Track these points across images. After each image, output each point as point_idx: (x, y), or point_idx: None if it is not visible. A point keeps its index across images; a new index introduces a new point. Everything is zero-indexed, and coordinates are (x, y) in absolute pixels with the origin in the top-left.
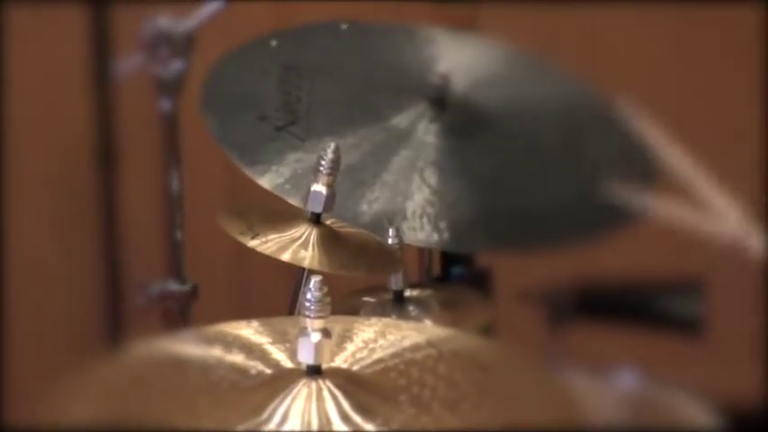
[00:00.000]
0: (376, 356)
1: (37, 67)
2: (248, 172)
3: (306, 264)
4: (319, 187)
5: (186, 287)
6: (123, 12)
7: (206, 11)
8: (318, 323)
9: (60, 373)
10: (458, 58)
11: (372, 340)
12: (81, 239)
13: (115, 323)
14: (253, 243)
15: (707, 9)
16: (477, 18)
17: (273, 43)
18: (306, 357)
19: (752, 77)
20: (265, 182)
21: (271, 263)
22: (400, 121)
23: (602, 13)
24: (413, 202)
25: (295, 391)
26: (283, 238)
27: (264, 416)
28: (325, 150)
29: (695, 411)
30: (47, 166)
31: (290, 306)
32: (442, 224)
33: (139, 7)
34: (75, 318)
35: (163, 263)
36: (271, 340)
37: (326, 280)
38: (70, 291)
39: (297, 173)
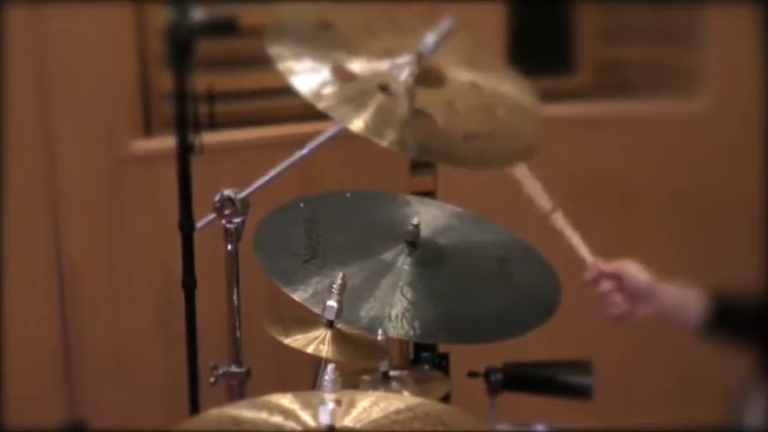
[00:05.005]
0: (372, 418)
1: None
2: (286, 290)
3: (323, 354)
4: (332, 303)
5: (243, 369)
6: None
7: (262, 180)
8: (333, 395)
9: None
10: (424, 214)
11: (369, 407)
12: (178, 345)
13: (194, 394)
14: (287, 340)
15: None
16: (437, 184)
17: (301, 205)
18: (324, 419)
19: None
20: (296, 297)
21: (298, 353)
22: (386, 256)
23: None
24: (395, 310)
25: None
26: (308, 337)
27: None
28: (335, 278)
29: None
30: (150, 291)
31: (313, 383)
32: (416, 324)
33: None
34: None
35: (227, 353)
36: (300, 407)
37: (337, 365)
38: (167, 376)
39: (317, 291)
